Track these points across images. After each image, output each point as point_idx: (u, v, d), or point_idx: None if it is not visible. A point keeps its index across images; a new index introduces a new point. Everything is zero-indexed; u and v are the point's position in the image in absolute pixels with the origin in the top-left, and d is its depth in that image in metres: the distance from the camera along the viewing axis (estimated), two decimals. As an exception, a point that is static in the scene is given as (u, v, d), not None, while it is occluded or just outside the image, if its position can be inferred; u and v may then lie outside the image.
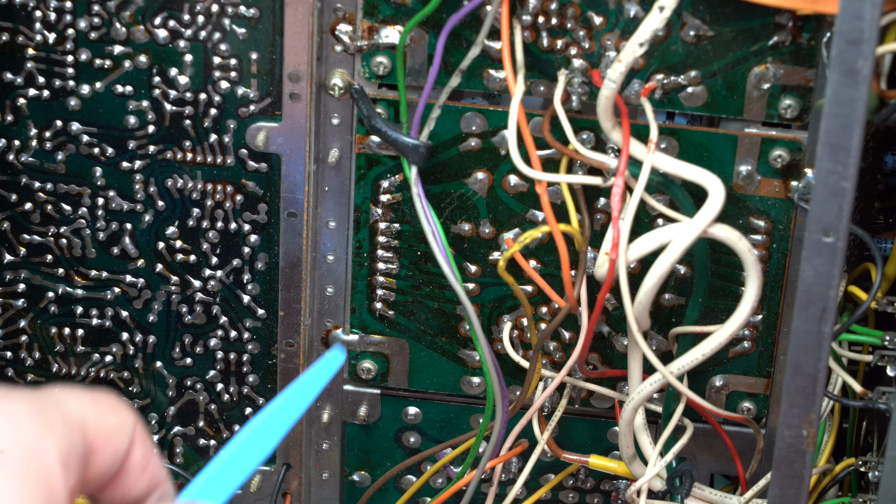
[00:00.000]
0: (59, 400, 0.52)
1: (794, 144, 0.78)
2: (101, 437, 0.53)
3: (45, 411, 0.51)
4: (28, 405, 0.51)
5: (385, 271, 0.84)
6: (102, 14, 0.79)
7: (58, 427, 0.51)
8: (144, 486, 0.56)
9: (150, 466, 0.56)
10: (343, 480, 0.92)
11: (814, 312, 0.65)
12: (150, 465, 0.56)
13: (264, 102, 0.80)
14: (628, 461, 0.82)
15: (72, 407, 0.52)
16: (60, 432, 0.51)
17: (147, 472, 0.56)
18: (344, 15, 0.78)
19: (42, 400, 0.52)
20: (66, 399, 0.53)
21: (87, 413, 0.53)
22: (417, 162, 0.79)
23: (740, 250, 0.73)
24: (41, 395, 0.52)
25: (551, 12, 0.76)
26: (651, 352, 0.75)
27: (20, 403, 0.51)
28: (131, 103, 0.81)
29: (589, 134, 0.79)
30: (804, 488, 0.70)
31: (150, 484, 0.57)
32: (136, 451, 0.55)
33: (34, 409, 0.51)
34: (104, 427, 0.54)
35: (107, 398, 0.54)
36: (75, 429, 0.52)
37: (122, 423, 0.54)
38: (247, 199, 0.83)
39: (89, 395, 0.54)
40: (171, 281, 0.85)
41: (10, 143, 0.83)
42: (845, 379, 0.82)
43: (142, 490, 0.56)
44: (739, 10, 0.74)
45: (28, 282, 0.86)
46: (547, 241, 0.82)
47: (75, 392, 0.53)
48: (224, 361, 0.87)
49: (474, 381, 0.87)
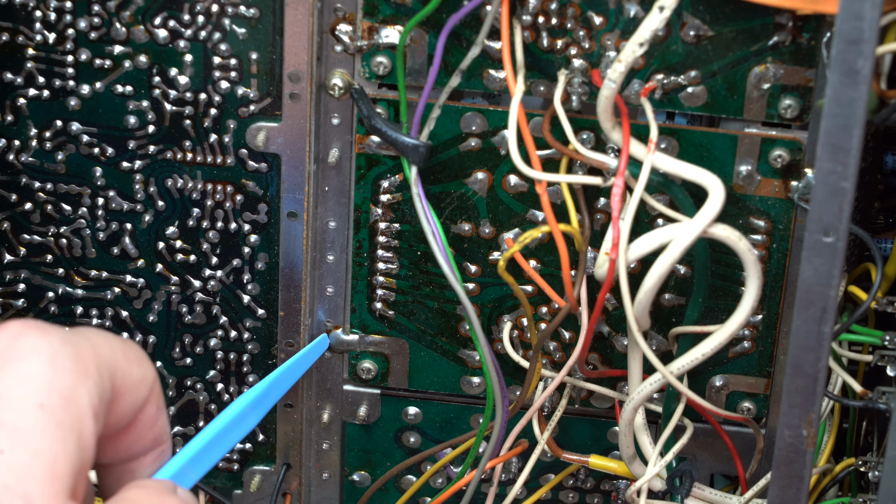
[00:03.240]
0: (94, 343, 0.53)
1: (794, 144, 0.78)
2: (125, 387, 0.54)
3: (81, 356, 0.51)
4: (68, 348, 0.51)
5: (385, 271, 0.84)
6: (102, 14, 0.79)
7: (92, 373, 0.52)
8: (149, 442, 0.57)
9: (158, 424, 0.57)
10: (343, 480, 0.92)
11: (814, 312, 0.65)
12: (158, 422, 0.57)
13: (264, 102, 0.80)
14: (628, 461, 0.82)
15: (104, 352, 0.53)
16: (94, 379, 0.52)
17: (154, 430, 0.57)
18: (344, 15, 0.78)
19: (79, 342, 0.52)
20: (99, 343, 0.53)
21: (116, 360, 0.53)
22: (417, 162, 0.79)
23: (740, 250, 0.73)
24: (77, 336, 0.52)
25: (551, 12, 0.76)
26: (651, 352, 0.75)
27: (61, 345, 0.51)
28: (131, 103, 0.81)
29: (589, 134, 0.79)
30: (804, 488, 0.70)
31: (155, 441, 0.57)
32: (150, 405, 0.56)
33: (73, 353, 0.51)
34: (129, 377, 0.54)
35: (134, 348, 0.55)
36: (106, 376, 0.52)
37: (145, 376, 0.55)
38: (247, 199, 0.83)
39: (120, 343, 0.54)
40: (171, 281, 0.85)
41: (10, 143, 0.83)
42: (845, 379, 0.82)
43: (145, 445, 0.57)
44: (739, 10, 0.74)
45: (28, 282, 0.86)
46: (547, 241, 0.82)
47: (107, 337, 0.54)
48: (224, 361, 0.87)
49: (474, 381, 0.87)
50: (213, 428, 0.60)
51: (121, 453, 0.56)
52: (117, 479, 0.57)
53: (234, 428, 0.61)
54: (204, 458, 0.59)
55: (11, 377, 0.50)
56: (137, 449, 0.56)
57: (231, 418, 0.61)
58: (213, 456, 0.59)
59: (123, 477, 0.57)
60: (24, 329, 0.51)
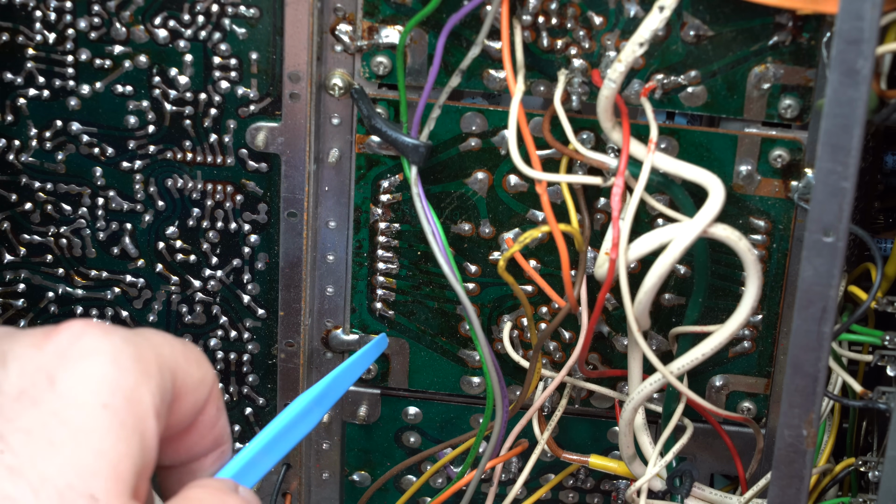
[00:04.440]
0: (155, 344, 0.53)
1: (794, 144, 0.78)
2: (186, 388, 0.54)
3: (143, 356, 0.51)
4: (130, 348, 0.51)
5: (385, 271, 0.84)
6: (102, 14, 0.79)
7: (154, 374, 0.51)
8: (209, 443, 0.57)
9: (219, 425, 0.57)
10: (343, 480, 0.92)
11: (814, 312, 0.65)
12: (218, 423, 0.56)
13: (264, 102, 0.80)
14: (628, 461, 0.82)
15: (165, 352, 0.53)
16: (156, 380, 0.51)
17: (215, 431, 0.56)
18: (344, 15, 0.78)
19: (140, 343, 0.52)
20: (160, 344, 0.53)
21: (177, 361, 0.53)
22: (417, 162, 0.79)
23: (740, 250, 0.73)
24: (138, 336, 0.52)
25: (551, 12, 0.76)
26: (651, 352, 0.75)
27: (124, 345, 0.51)
28: (131, 103, 0.81)
29: (589, 134, 0.79)
30: (804, 488, 0.70)
31: (215, 442, 0.57)
32: (210, 407, 0.56)
33: (135, 354, 0.51)
34: (189, 378, 0.54)
35: (194, 349, 0.55)
36: (167, 376, 0.52)
37: (205, 377, 0.55)
38: (247, 199, 0.83)
39: (180, 344, 0.54)
40: (171, 281, 0.85)
41: (10, 143, 0.83)
42: (845, 379, 0.82)
43: (206, 447, 0.57)
44: (739, 10, 0.74)
45: (28, 282, 0.86)
46: (547, 241, 0.82)
47: (168, 338, 0.54)
48: (224, 361, 0.87)
49: (474, 381, 0.87)
50: (274, 427, 0.59)
51: (182, 455, 0.56)
52: (178, 480, 0.56)
53: (295, 427, 0.61)
54: (264, 458, 0.58)
55: (75, 377, 0.49)
56: (198, 450, 0.56)
57: (291, 417, 0.60)
58: (273, 456, 0.59)
59: (184, 478, 0.56)
60: (87, 328, 0.51)
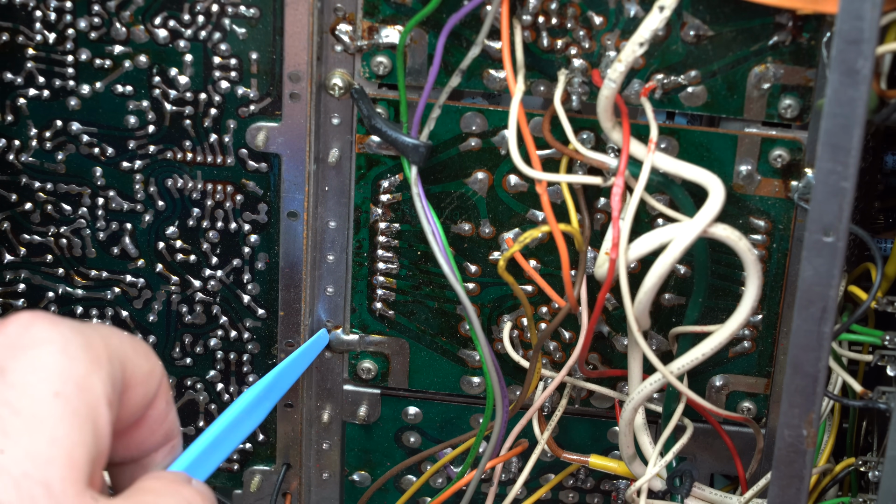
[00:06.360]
0: (103, 335, 0.53)
1: (794, 144, 0.78)
2: (135, 379, 0.54)
3: (93, 345, 0.52)
4: (79, 338, 0.51)
5: (385, 271, 0.84)
6: (102, 14, 0.79)
7: (104, 363, 0.52)
8: (160, 437, 0.57)
9: (169, 419, 0.57)
10: (343, 480, 0.92)
11: (814, 312, 0.65)
12: (168, 417, 0.57)
13: (264, 102, 0.80)
14: (628, 461, 0.82)
15: (114, 343, 0.53)
16: (106, 369, 0.52)
17: (165, 425, 0.57)
18: (344, 15, 0.78)
19: (89, 333, 0.52)
20: (108, 335, 0.53)
21: (125, 352, 0.54)
22: (417, 162, 0.79)
23: (740, 250, 0.73)
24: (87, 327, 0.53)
25: (551, 12, 0.76)
26: (651, 352, 0.75)
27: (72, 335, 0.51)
28: (131, 103, 0.81)
29: (589, 134, 0.79)
30: (804, 488, 0.70)
31: (166, 436, 0.57)
32: (159, 400, 0.56)
33: (84, 343, 0.51)
34: (139, 369, 0.54)
35: (141, 343, 0.55)
36: (117, 366, 0.53)
37: (153, 369, 0.55)
38: (247, 199, 0.83)
39: (127, 337, 0.55)
40: (171, 281, 0.85)
41: (10, 143, 0.83)
42: (845, 379, 0.82)
43: (157, 441, 0.57)
44: (739, 10, 0.74)
45: (28, 282, 0.86)
46: (547, 241, 0.82)
47: (115, 330, 0.54)
48: (224, 361, 0.87)
49: (474, 381, 0.87)
50: (223, 422, 0.61)
51: (133, 450, 0.56)
52: (131, 476, 0.57)
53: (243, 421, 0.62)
54: (215, 452, 0.59)
55: (25, 366, 0.50)
56: (149, 445, 0.57)
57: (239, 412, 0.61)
58: (223, 450, 0.60)
59: (137, 474, 0.57)
60: (34, 319, 0.51)
